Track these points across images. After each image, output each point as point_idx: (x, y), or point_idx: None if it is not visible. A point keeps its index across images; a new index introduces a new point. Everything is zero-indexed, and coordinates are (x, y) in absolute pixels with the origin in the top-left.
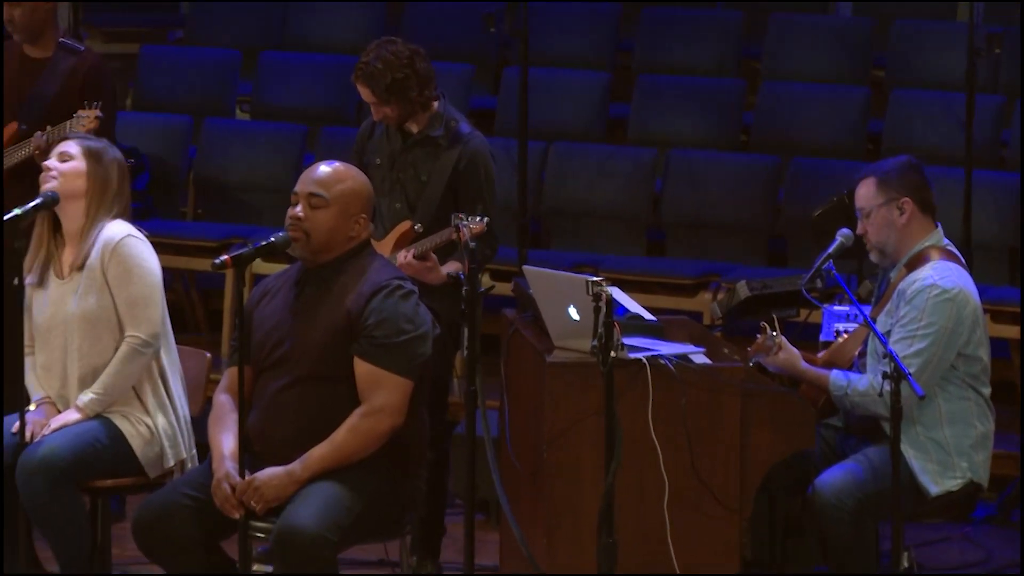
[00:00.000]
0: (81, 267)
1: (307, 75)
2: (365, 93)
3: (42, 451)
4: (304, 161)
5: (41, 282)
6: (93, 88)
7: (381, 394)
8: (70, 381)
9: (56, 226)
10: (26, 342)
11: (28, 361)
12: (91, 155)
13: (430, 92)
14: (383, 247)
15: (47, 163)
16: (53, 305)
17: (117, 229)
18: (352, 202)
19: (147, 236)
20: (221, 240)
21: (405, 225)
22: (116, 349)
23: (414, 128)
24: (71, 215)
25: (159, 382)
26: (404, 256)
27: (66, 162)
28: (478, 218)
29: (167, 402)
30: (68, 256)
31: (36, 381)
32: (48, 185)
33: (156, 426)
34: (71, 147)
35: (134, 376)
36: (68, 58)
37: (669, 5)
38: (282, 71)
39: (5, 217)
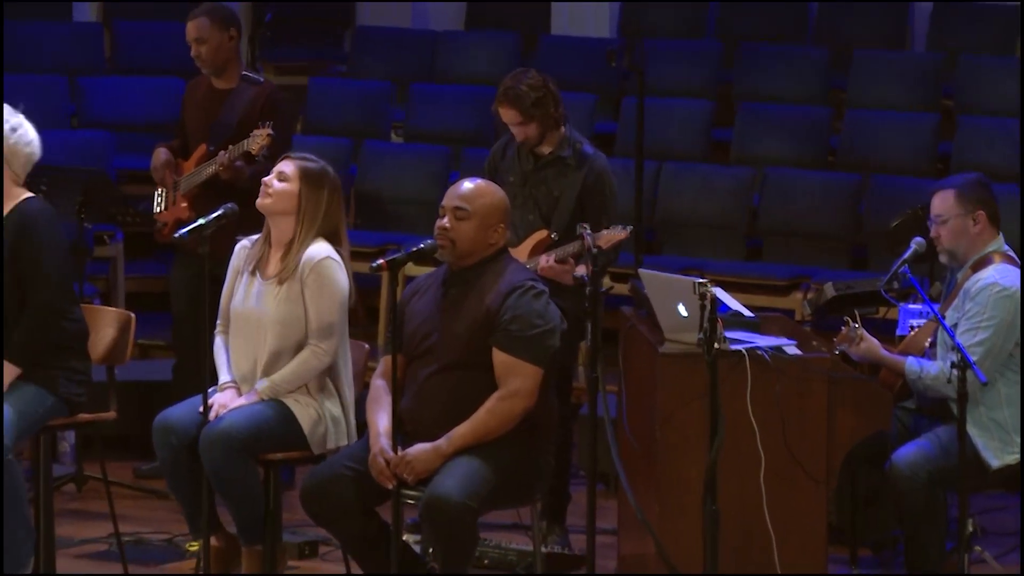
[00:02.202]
0: (284, 277)
1: (452, 103)
2: (510, 115)
3: (222, 426)
4: (449, 178)
5: (252, 272)
6: (271, 114)
7: (516, 380)
8: (256, 368)
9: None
10: (219, 321)
11: (219, 339)
12: (306, 177)
13: (562, 111)
14: (518, 253)
15: (265, 179)
16: (255, 301)
17: (319, 249)
18: (491, 214)
19: None
20: (378, 246)
21: (542, 234)
22: (298, 349)
23: (546, 150)
24: (281, 228)
25: (328, 373)
26: (546, 260)
27: (282, 182)
28: (620, 227)
29: (334, 391)
30: (274, 262)
31: (226, 359)
32: (261, 200)
33: (323, 410)
34: (289, 168)
35: (308, 376)
36: (249, 88)
37: (765, 43)
38: (430, 100)
39: (190, 226)
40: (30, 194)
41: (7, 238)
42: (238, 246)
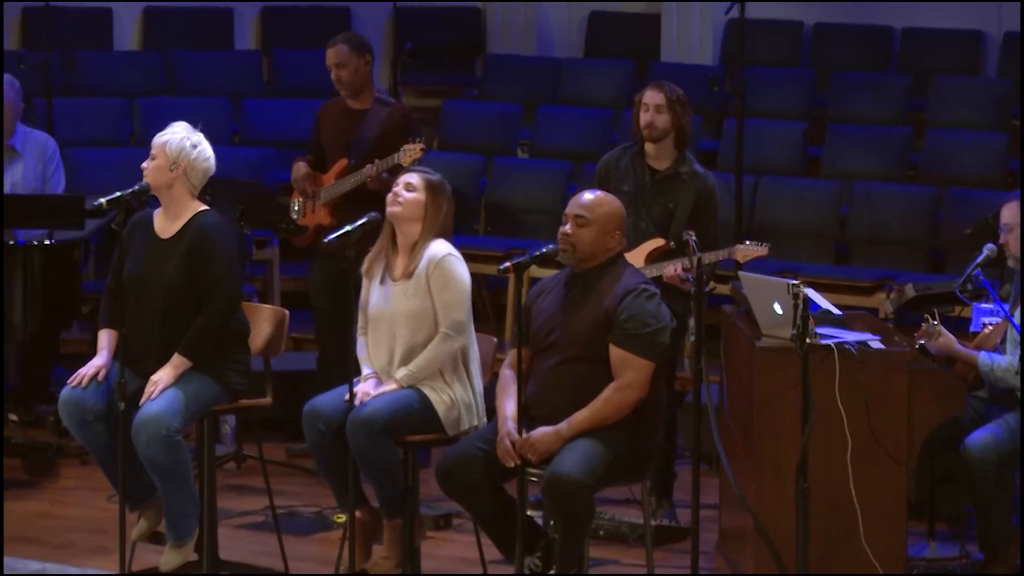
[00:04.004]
0: (411, 275)
1: (573, 123)
2: (657, 97)
3: (366, 412)
4: (569, 190)
5: (382, 280)
6: (403, 131)
7: (629, 373)
8: (394, 360)
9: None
10: (360, 324)
11: (360, 340)
12: (430, 189)
13: (688, 134)
14: (632, 257)
15: (395, 189)
16: (387, 300)
17: (440, 248)
18: (609, 222)
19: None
20: (505, 251)
21: (659, 242)
22: (429, 339)
23: (663, 165)
24: (407, 232)
25: (460, 363)
26: (674, 270)
27: (410, 192)
28: (757, 244)
29: (466, 379)
30: (400, 263)
31: (367, 356)
32: (391, 208)
33: (456, 396)
34: (415, 180)
35: (441, 360)
36: (383, 109)
37: (853, 70)
38: (553, 120)
39: (338, 232)
40: (205, 207)
41: (186, 247)
42: (368, 256)
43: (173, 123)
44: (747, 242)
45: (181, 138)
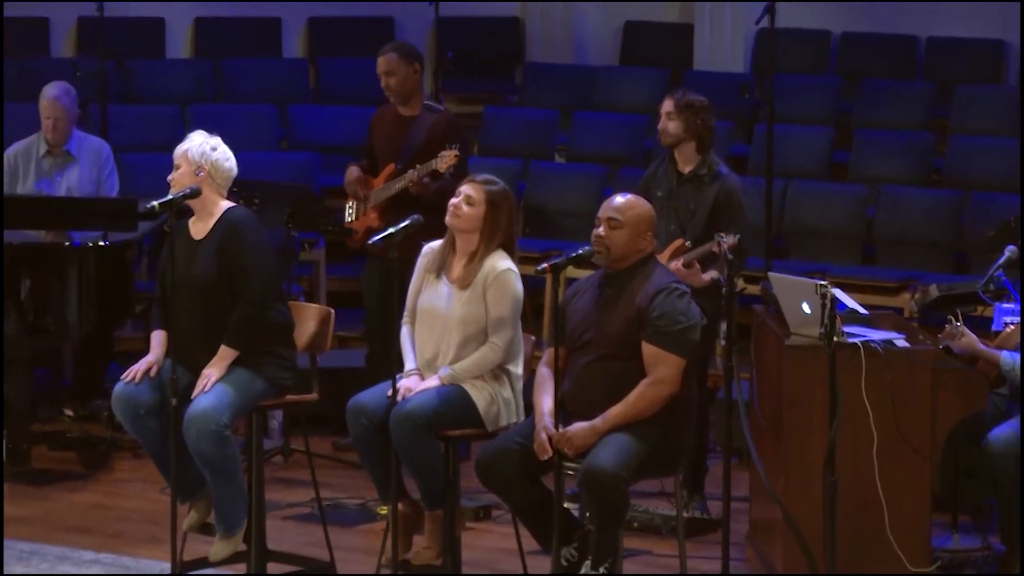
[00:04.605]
0: (468, 283)
1: (608, 129)
2: (667, 105)
3: (408, 407)
4: (604, 194)
5: (437, 275)
6: (450, 138)
7: (662, 369)
8: (439, 358)
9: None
10: (406, 313)
11: (406, 329)
12: (490, 202)
13: (710, 139)
14: (660, 258)
15: (455, 201)
16: (443, 301)
17: (501, 261)
18: (640, 224)
19: None
20: (542, 252)
21: (679, 242)
22: (478, 342)
23: (687, 168)
24: (465, 240)
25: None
26: (675, 264)
27: (469, 205)
28: (732, 236)
29: (506, 376)
30: (458, 268)
31: (411, 348)
32: (450, 219)
33: (496, 393)
34: (476, 193)
35: (484, 368)
36: (430, 115)
37: (879, 78)
38: (589, 126)
39: (382, 234)
40: (232, 204)
41: (217, 243)
42: (425, 248)
43: (189, 134)
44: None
45: (200, 143)
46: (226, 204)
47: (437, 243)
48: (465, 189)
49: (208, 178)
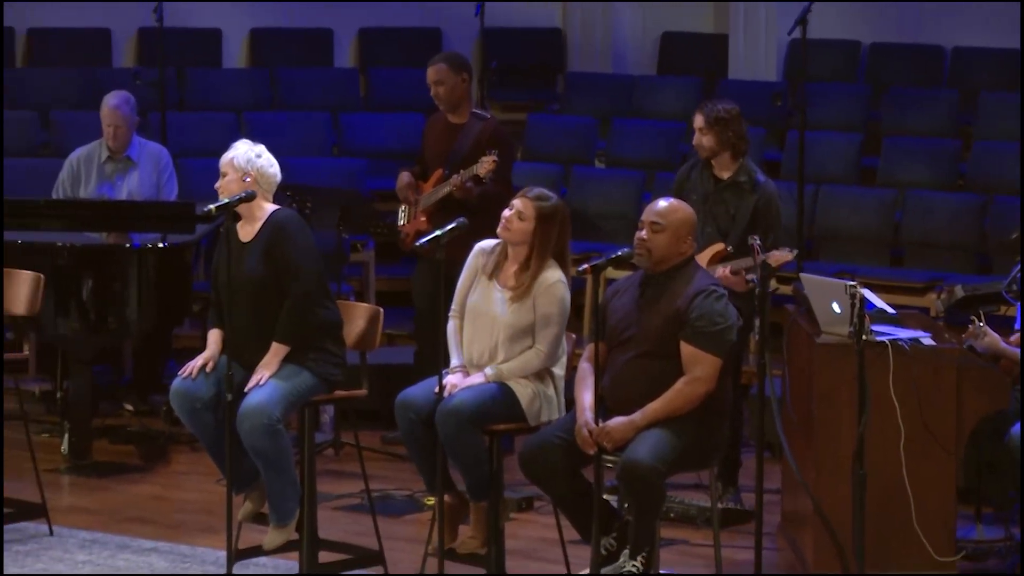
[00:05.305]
0: (520, 293)
1: (646, 135)
2: (698, 120)
3: (454, 402)
4: (643, 198)
5: (490, 277)
6: (495, 144)
7: (699, 368)
8: (486, 356)
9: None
10: (454, 307)
11: (452, 323)
12: (541, 217)
13: (744, 145)
14: (699, 260)
15: (507, 214)
16: (494, 304)
17: (552, 274)
18: (681, 227)
19: None
20: (582, 253)
21: (720, 246)
22: (524, 344)
23: (725, 175)
24: (518, 250)
25: None
26: (723, 271)
27: (521, 220)
28: (787, 250)
29: (549, 378)
30: (510, 273)
31: (458, 343)
32: (502, 231)
33: (539, 389)
34: (527, 208)
35: (528, 371)
36: (478, 123)
37: (907, 87)
38: (628, 133)
39: (429, 237)
40: (277, 206)
41: (263, 244)
42: (477, 247)
43: (234, 143)
44: (780, 248)
45: (245, 151)
46: (271, 207)
47: (490, 242)
48: (517, 203)
49: (255, 184)
